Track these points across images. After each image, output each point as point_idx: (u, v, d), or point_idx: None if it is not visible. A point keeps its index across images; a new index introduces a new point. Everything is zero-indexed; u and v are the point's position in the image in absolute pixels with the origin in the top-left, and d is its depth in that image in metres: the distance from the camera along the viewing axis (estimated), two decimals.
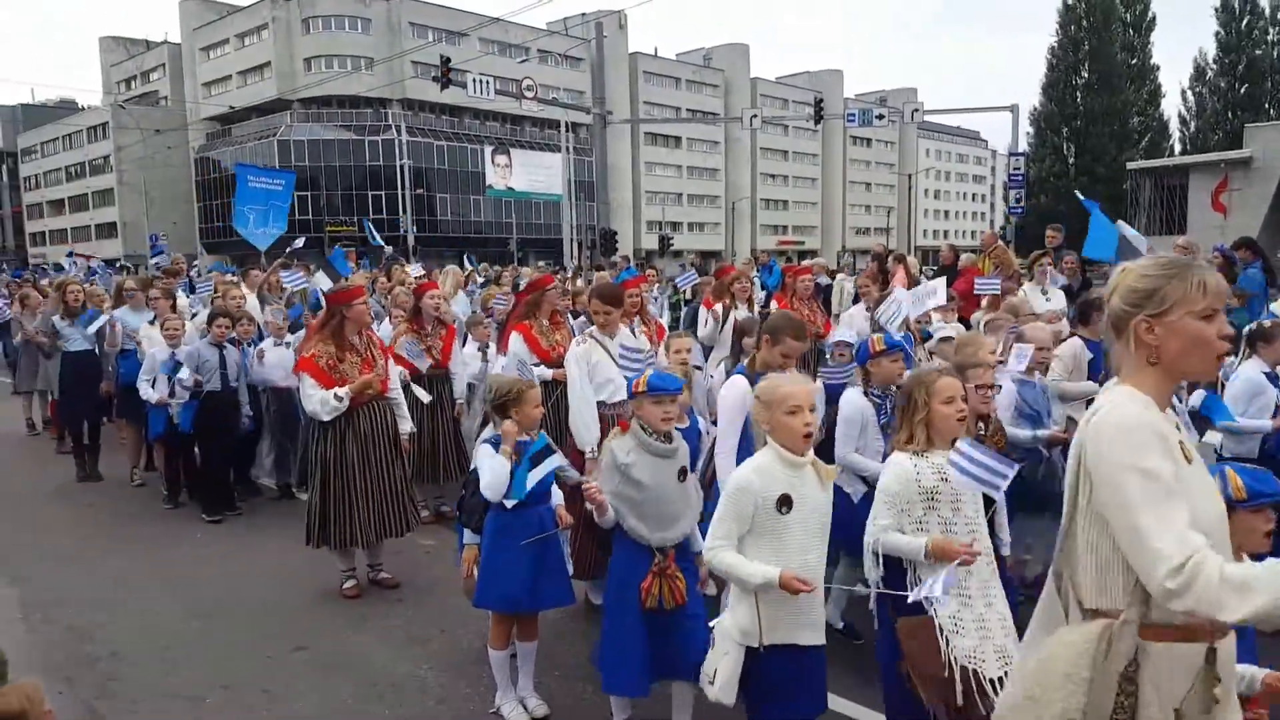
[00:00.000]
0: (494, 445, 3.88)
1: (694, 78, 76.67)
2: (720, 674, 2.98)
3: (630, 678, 3.48)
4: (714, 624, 3.17)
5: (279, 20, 59.22)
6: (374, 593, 5.48)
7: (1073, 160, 43.17)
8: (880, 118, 32.32)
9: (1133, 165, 30.95)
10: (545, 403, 4.43)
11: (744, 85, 78.11)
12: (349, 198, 56.54)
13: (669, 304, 11.53)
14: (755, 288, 8.75)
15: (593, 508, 3.49)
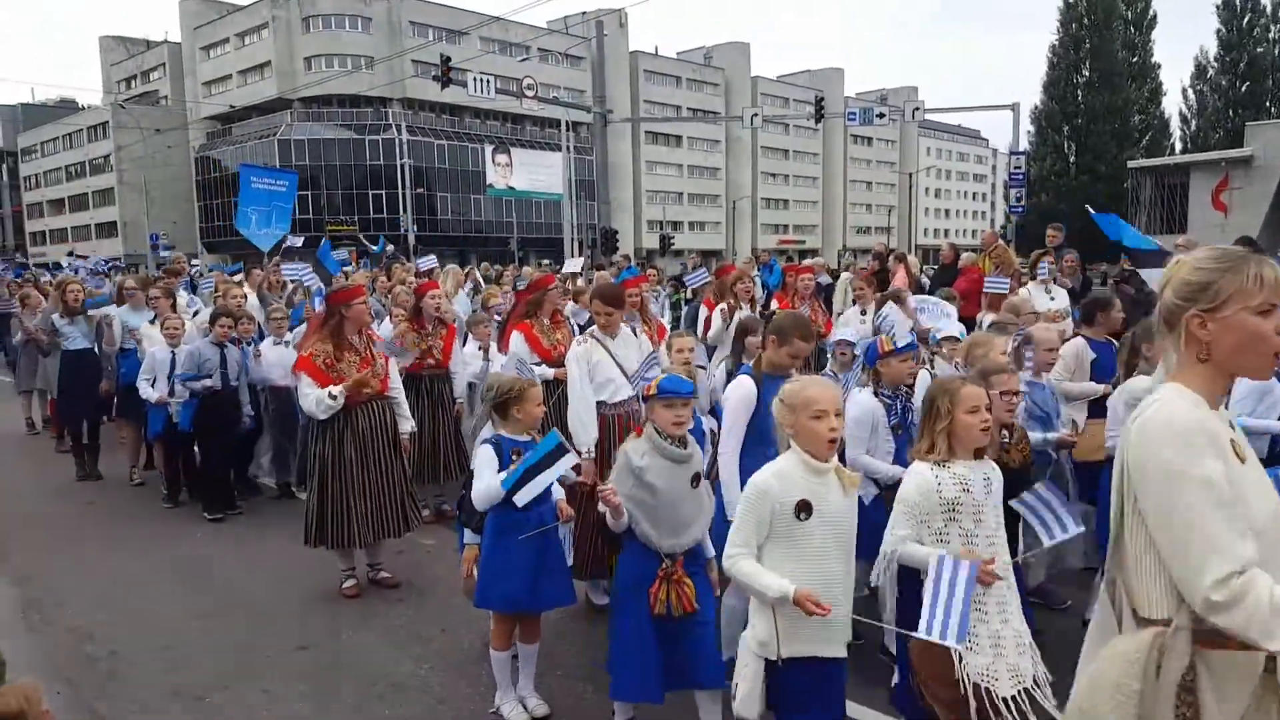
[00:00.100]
0: (493, 446, 3.86)
1: (694, 76, 76.64)
2: (741, 686, 2.93)
3: (641, 683, 3.41)
4: (742, 636, 3.09)
5: (279, 19, 59.26)
6: (374, 592, 5.47)
7: (1073, 159, 43.01)
8: (881, 116, 32.21)
9: (1133, 164, 30.93)
10: (546, 401, 4.42)
11: (744, 84, 78.07)
12: (349, 197, 56.65)
13: (669, 303, 11.54)
14: (756, 287, 8.74)
15: (607, 510, 3.38)
